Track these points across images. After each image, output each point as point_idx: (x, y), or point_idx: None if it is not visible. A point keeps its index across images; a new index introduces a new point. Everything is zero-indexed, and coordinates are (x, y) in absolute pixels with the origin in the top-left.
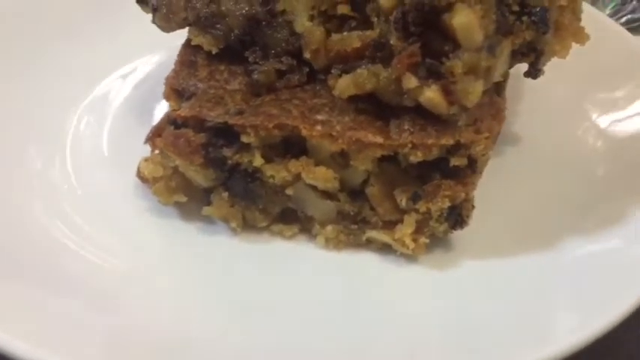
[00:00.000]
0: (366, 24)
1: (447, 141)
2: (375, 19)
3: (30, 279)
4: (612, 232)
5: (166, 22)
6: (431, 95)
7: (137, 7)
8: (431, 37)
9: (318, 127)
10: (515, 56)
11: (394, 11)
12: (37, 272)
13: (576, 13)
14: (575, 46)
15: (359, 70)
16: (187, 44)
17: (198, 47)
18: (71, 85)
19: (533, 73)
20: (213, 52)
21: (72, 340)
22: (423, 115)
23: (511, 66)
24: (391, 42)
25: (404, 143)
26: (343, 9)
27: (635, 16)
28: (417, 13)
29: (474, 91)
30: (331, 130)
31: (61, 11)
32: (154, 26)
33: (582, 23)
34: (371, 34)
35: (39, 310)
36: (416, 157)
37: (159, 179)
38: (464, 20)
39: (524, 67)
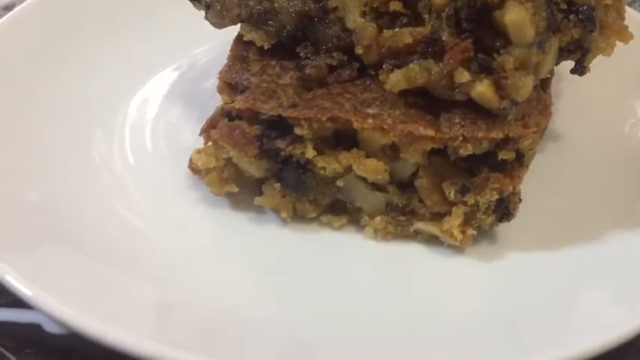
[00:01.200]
0: (417, 20)
1: (497, 135)
2: (426, 16)
3: (92, 253)
4: None
5: (220, 18)
6: (482, 90)
7: None
8: (482, 33)
9: (370, 120)
10: (562, 53)
11: (446, 8)
12: (99, 247)
13: (620, 13)
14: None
15: (411, 65)
16: (239, 40)
17: (250, 43)
18: (128, 78)
19: (580, 70)
20: (265, 48)
21: (128, 312)
22: (472, 109)
23: (558, 62)
24: (443, 38)
25: (455, 136)
26: (395, 5)
27: None
28: (469, 9)
29: (524, 85)
30: (382, 123)
31: (122, 6)
32: (207, 22)
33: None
34: (422, 31)
35: (97, 282)
36: (466, 150)
37: (211, 170)
38: (516, 17)
39: (567, 65)
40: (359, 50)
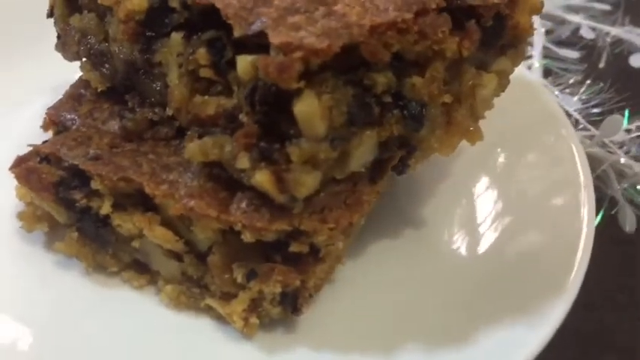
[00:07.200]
0: (230, 90)
1: (280, 226)
2: (235, 88)
3: None
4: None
5: (63, 52)
6: (260, 179)
7: None
8: (280, 118)
9: (164, 187)
10: (389, 147)
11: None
12: None
13: (474, 111)
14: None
15: (206, 138)
16: (81, 77)
17: (89, 82)
18: None
19: (400, 168)
20: (99, 90)
21: None
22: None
23: (382, 156)
24: (240, 116)
25: (235, 221)
26: (206, 72)
27: (604, 109)
28: (265, 92)
29: (305, 182)
30: (174, 192)
31: None
32: None
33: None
34: (226, 103)
35: None
36: (247, 238)
37: (28, 205)
38: (305, 109)
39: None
40: (170, 111)
